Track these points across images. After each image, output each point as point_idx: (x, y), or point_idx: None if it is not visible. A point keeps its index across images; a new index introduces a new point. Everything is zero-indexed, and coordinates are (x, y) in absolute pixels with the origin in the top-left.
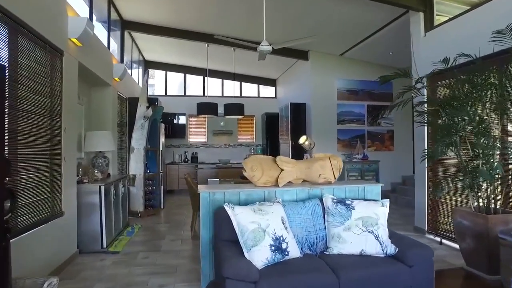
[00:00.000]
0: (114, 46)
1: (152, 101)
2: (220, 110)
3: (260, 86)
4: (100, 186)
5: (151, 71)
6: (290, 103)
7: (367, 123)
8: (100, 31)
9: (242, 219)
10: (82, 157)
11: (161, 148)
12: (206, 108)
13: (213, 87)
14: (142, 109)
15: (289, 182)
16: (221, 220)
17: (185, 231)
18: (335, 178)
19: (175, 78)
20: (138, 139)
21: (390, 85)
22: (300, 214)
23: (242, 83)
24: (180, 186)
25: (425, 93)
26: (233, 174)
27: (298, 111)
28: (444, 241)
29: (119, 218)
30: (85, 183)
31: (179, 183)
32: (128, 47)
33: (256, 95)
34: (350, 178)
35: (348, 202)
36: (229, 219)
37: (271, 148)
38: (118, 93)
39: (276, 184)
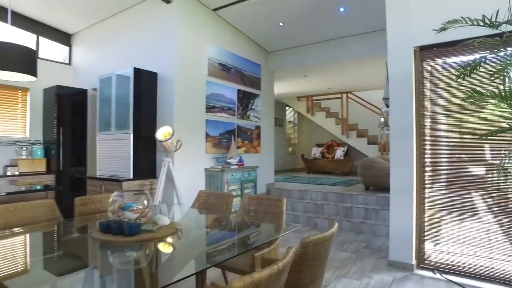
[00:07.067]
0: None
1: None
2: None
3: (42, 39)
4: None
5: None
6: (135, 68)
7: (237, 114)
8: None
9: None
10: None
11: None
12: None
13: None
14: None
15: None
16: None
17: None
18: None
19: None
20: None
21: (259, 68)
22: None
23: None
24: None
25: None
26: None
27: (140, 84)
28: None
29: None
30: None
31: None
32: None
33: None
34: (231, 192)
35: None
36: None
37: (67, 147)
38: None
39: None
